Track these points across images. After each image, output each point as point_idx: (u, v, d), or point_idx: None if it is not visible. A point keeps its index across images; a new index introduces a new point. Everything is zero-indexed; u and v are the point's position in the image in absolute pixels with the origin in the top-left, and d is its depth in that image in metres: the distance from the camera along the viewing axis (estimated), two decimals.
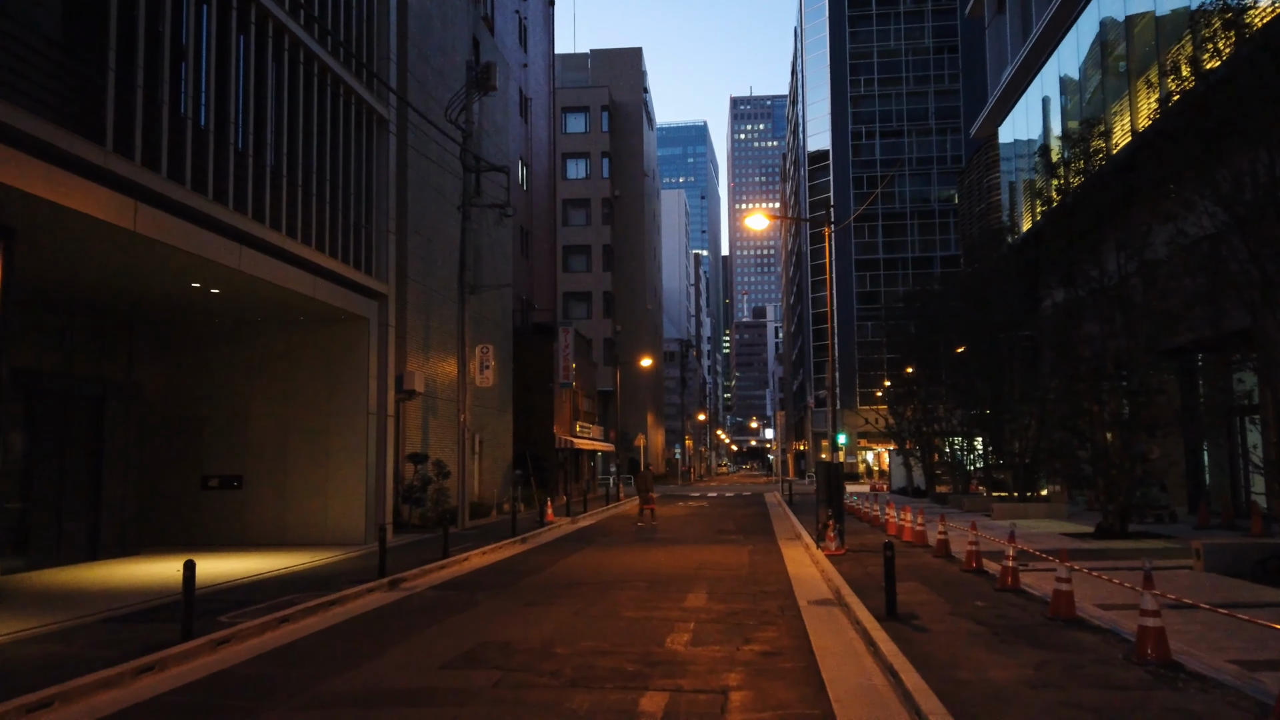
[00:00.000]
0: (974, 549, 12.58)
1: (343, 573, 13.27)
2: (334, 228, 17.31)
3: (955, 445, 31.63)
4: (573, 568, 14.51)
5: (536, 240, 41.42)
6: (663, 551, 16.91)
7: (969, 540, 12.72)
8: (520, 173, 38.86)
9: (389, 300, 19.60)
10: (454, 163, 23.47)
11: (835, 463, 15.74)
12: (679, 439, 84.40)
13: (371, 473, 18.59)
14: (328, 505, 18.37)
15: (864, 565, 13.44)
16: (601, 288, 64.50)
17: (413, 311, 22.79)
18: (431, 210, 24.27)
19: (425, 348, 23.56)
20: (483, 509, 25.82)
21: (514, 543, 18.61)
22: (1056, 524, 20.13)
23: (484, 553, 16.51)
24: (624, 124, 68.79)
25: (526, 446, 32.72)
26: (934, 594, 10.51)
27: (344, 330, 18.57)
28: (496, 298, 29.66)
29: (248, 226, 14.21)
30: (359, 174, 18.55)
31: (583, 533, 21.93)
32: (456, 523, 21.98)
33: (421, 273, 23.40)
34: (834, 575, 12.26)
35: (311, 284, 16.16)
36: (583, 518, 26.42)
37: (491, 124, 29.85)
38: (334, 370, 18.61)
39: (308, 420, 18.52)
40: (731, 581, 12.57)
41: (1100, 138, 17.44)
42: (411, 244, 22.77)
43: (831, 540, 15.05)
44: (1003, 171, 32.64)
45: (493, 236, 29.37)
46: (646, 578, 13.04)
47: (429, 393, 23.63)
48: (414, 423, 22.68)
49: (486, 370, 23.59)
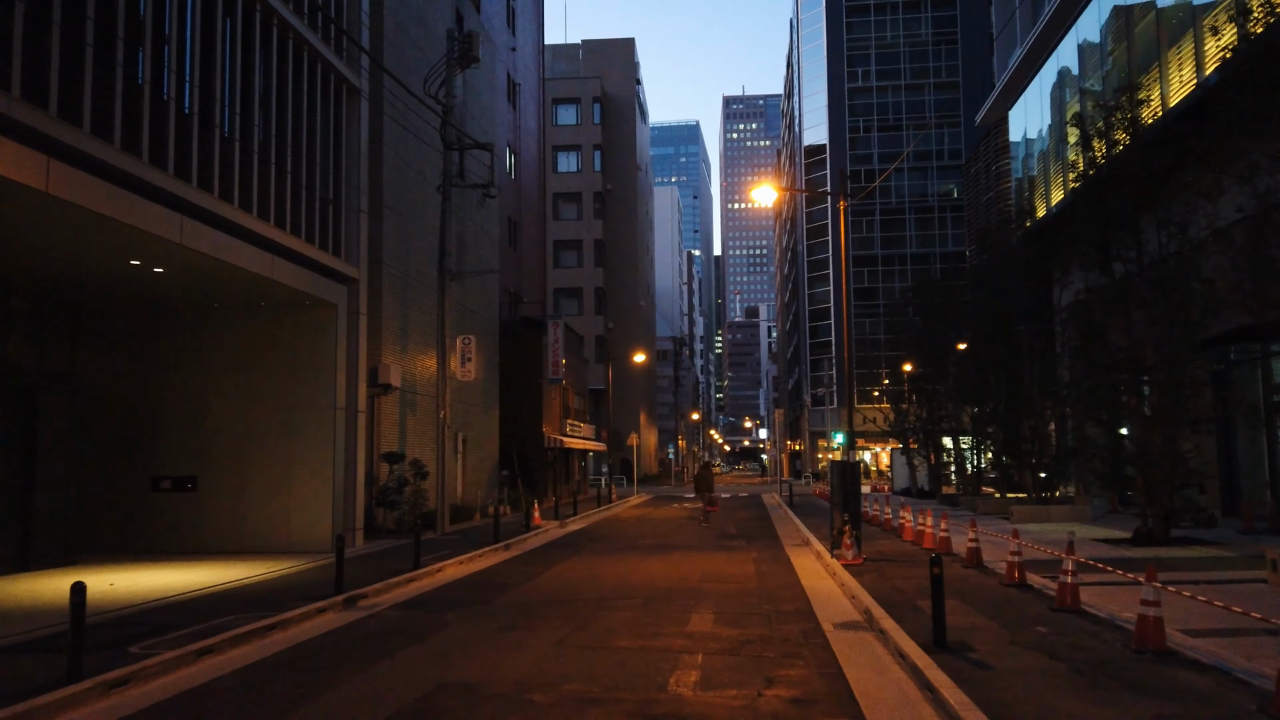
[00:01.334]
0: (1016, 559, 11.02)
1: (297, 587, 11.65)
2: (296, 203, 15.67)
3: (963, 444, 30.15)
4: (559, 580, 12.91)
5: (525, 231, 39.81)
6: (660, 560, 15.33)
7: (1010, 550, 11.15)
8: (508, 160, 37.25)
9: (360, 286, 17.97)
10: (435, 142, 21.86)
11: (851, 462, 14.17)
12: (672, 439, 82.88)
13: (340, 474, 16.96)
14: (291, 509, 16.72)
15: (888, 577, 11.88)
16: (593, 283, 62.86)
17: (389, 300, 21.16)
18: (411, 193, 22.64)
19: (403, 339, 21.93)
20: (466, 512, 24.19)
21: (496, 550, 17.00)
22: (1083, 528, 18.61)
23: (461, 562, 14.89)
24: (616, 116, 67.19)
25: (514, 446, 31.10)
26: (981, 615, 8.94)
27: (309, 318, 16.93)
28: (481, 288, 28.03)
29: (192, 196, 12.57)
30: (326, 146, 16.91)
31: (572, 538, 20.33)
32: (436, 527, 20.36)
33: (399, 259, 21.77)
34: (857, 590, 10.69)
35: (270, 264, 14.52)
36: (572, 521, 24.81)
37: (476, 105, 28.24)
38: (299, 362, 16.97)
39: (269, 416, 16.87)
40: (740, 597, 10.99)
41: (1138, 105, 15.91)
42: (388, 227, 21.14)
43: (848, 548, 13.49)
44: (1013, 157, 31.15)
45: (477, 223, 27.75)
46: (643, 593, 11.45)
47: (407, 388, 22.00)
48: (390, 420, 21.04)
49: (468, 363, 21.96)
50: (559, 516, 24.42)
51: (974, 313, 26.60)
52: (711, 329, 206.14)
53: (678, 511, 30.00)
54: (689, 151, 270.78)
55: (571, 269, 63.11)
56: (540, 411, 32.73)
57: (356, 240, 17.94)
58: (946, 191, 68.18)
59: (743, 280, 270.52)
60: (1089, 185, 16.30)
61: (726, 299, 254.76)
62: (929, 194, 67.90)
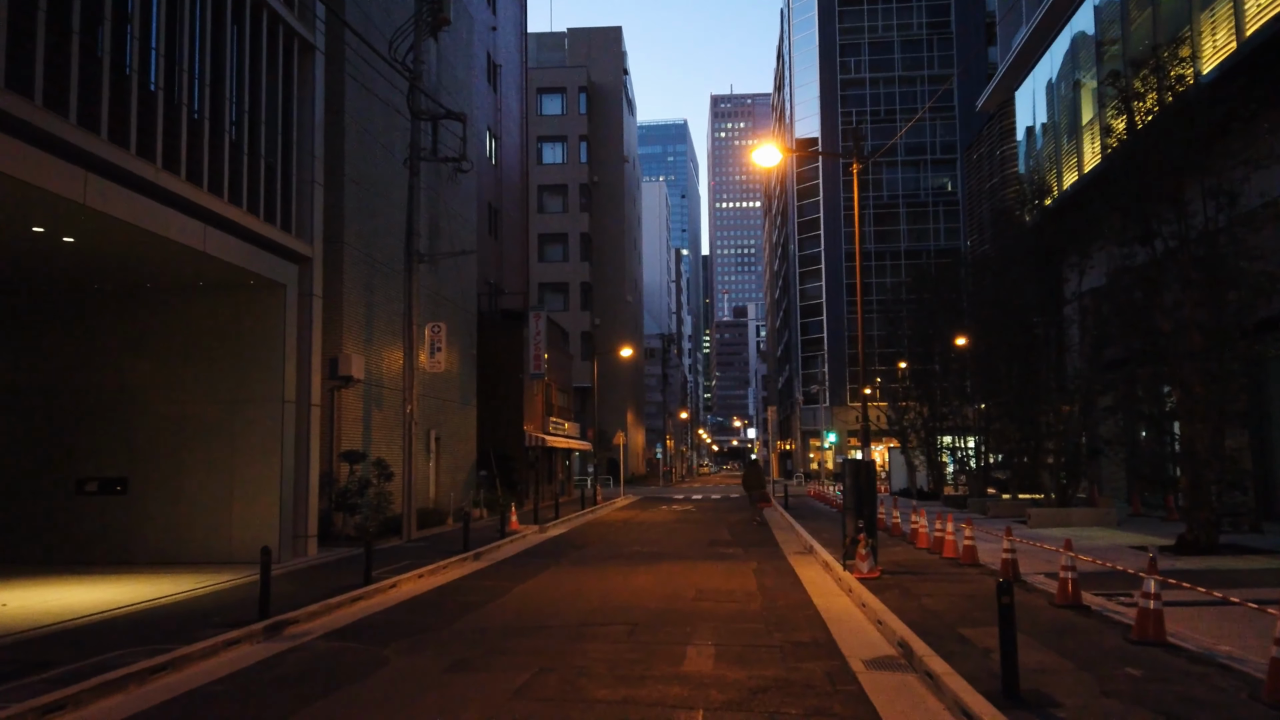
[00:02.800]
0: (1070, 575, 9.30)
1: (221, 608, 9.83)
2: (236, 168, 13.82)
3: (968, 442, 28.51)
4: (530, 599, 11.13)
5: (507, 220, 37.98)
6: (648, 572, 13.56)
7: (1061, 564, 9.42)
8: (488, 144, 35.42)
9: (314, 265, 16.12)
10: (406, 113, 20.03)
11: (866, 461, 12.44)
12: (660, 438, 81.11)
13: (289, 474, 15.12)
14: (233, 514, 14.87)
15: (913, 595, 10.15)
16: (579, 278, 61.05)
17: (352, 284, 19.32)
18: (377, 169, 20.80)
19: (368, 328, 20.09)
20: (438, 516, 22.37)
21: (464, 560, 15.19)
22: (1113, 534, 16.97)
23: (421, 575, 13.08)
24: (603, 106, 65.41)
25: (493, 445, 29.28)
26: (1046, 649, 7.22)
27: (254, 300, 15.09)
28: (457, 276, 26.20)
29: (101, 150, 10.73)
30: (274, 107, 15.06)
31: (551, 545, 18.55)
32: (401, 533, 18.55)
33: (363, 240, 19.93)
34: (882, 612, 8.97)
35: (201, 234, 12.68)
36: (553, 525, 23.02)
37: (451, 80, 26.40)
38: (243, 349, 15.12)
39: (209, 411, 15.01)
40: (744, 622, 9.24)
41: (1180, 63, 14.26)
42: (351, 205, 19.31)
43: (863, 559, 11.76)
44: (1020, 140, 29.56)
45: (452, 206, 25.91)
46: (628, 616, 9.69)
47: (372, 381, 20.17)
48: (352, 415, 19.20)
49: (438, 353, 20.13)
50: (538, 520, 22.63)
51: (981, 302, 24.99)
52: (700, 329, 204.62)
53: (666, 514, 28.25)
54: (677, 151, 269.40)
55: (557, 263, 61.27)
56: (521, 409, 30.92)
57: (310, 215, 16.08)
58: (940, 185, 66.75)
59: (731, 280, 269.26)
60: (1126, 152, 14.63)
61: (714, 299, 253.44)
62: (920, 189, 66.40)
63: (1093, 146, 24.05)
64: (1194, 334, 13.65)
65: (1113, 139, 15.04)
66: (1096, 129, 23.68)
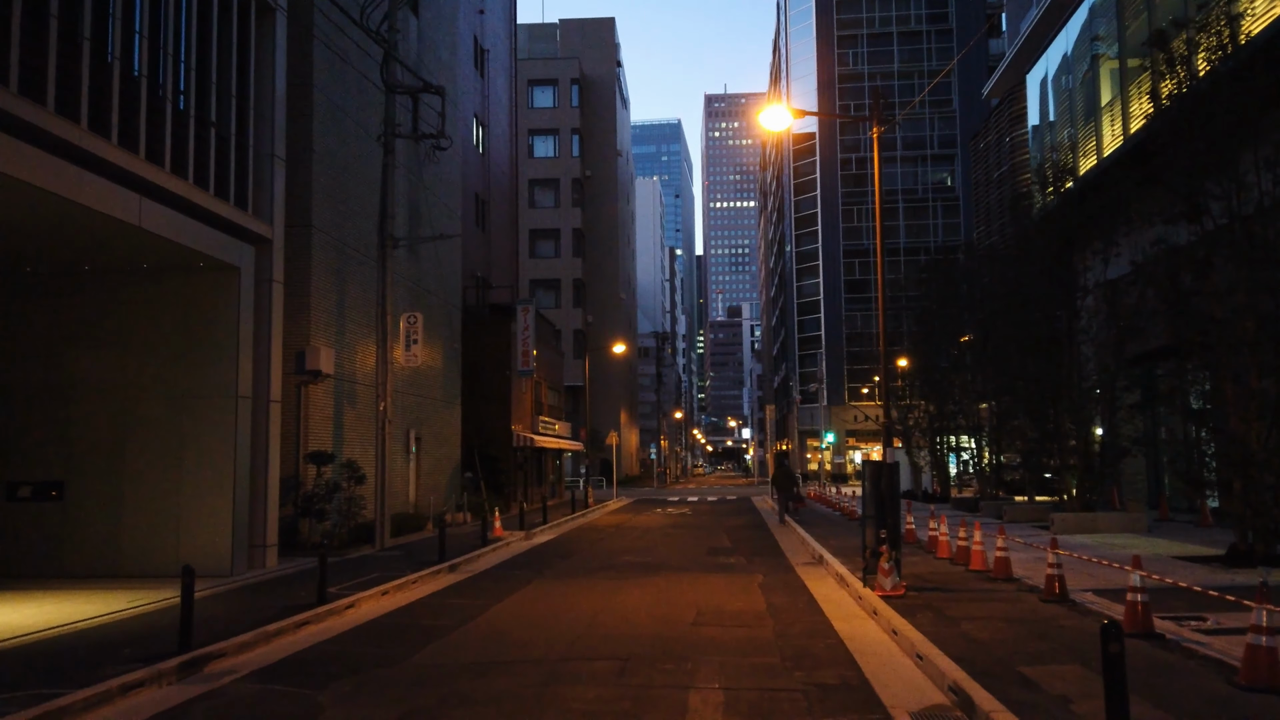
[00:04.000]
0: (1140, 599, 7.88)
1: (142, 636, 8.38)
2: (180, 134, 12.35)
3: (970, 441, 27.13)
4: (506, 622, 9.67)
5: (495, 211, 36.49)
6: (641, 587, 12.13)
7: (1131, 584, 8.00)
8: (475, 133, 33.93)
9: (275, 248, 14.65)
10: (381, 85, 18.55)
11: (890, 463, 11.01)
12: (654, 438, 79.58)
13: (244, 478, 13.65)
14: (181, 522, 13.39)
15: (949, 619, 8.74)
16: (572, 275, 59.65)
17: (321, 272, 17.85)
18: (351, 148, 19.32)
19: (339, 320, 18.61)
20: (417, 521, 20.90)
21: (438, 572, 13.74)
22: (1148, 542, 15.58)
23: (386, 591, 11.62)
24: (596, 99, 63.97)
25: (479, 445, 27.80)
26: (1142, 699, 5.78)
27: (206, 285, 13.61)
28: (439, 266, 24.72)
29: (9, 104, 9.27)
30: (226, 70, 13.57)
31: (536, 554, 17.10)
32: (374, 541, 17.09)
33: (334, 224, 18.45)
34: (918, 641, 7.56)
35: (136, 208, 11.20)
36: (540, 531, 21.56)
37: (434, 60, 24.91)
38: (193, 339, 13.64)
39: (155, 407, 13.53)
40: (755, 654, 7.81)
41: (1235, 20, 12.88)
42: (320, 185, 17.83)
43: (886, 575, 10.34)
44: (1030, 126, 28.18)
45: (434, 191, 24.42)
46: (616, 647, 8.25)
47: (344, 376, 18.69)
48: (321, 413, 17.73)
49: (414, 346, 18.64)
50: (525, 526, 21.16)
51: (993, 294, 23.62)
52: (694, 329, 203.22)
53: (661, 518, 26.81)
54: (671, 150, 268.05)
55: (549, 259, 59.87)
56: (509, 407, 29.44)
57: (270, 192, 14.60)
58: (939, 180, 65.48)
59: (725, 280, 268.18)
60: (1171, 121, 13.24)
61: (709, 299, 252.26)
62: (918, 184, 65.09)
63: (1112, 129, 22.70)
64: (1248, 321, 12.28)
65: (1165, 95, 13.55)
66: (1117, 109, 22.33)
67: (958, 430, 27.68)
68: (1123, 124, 21.95)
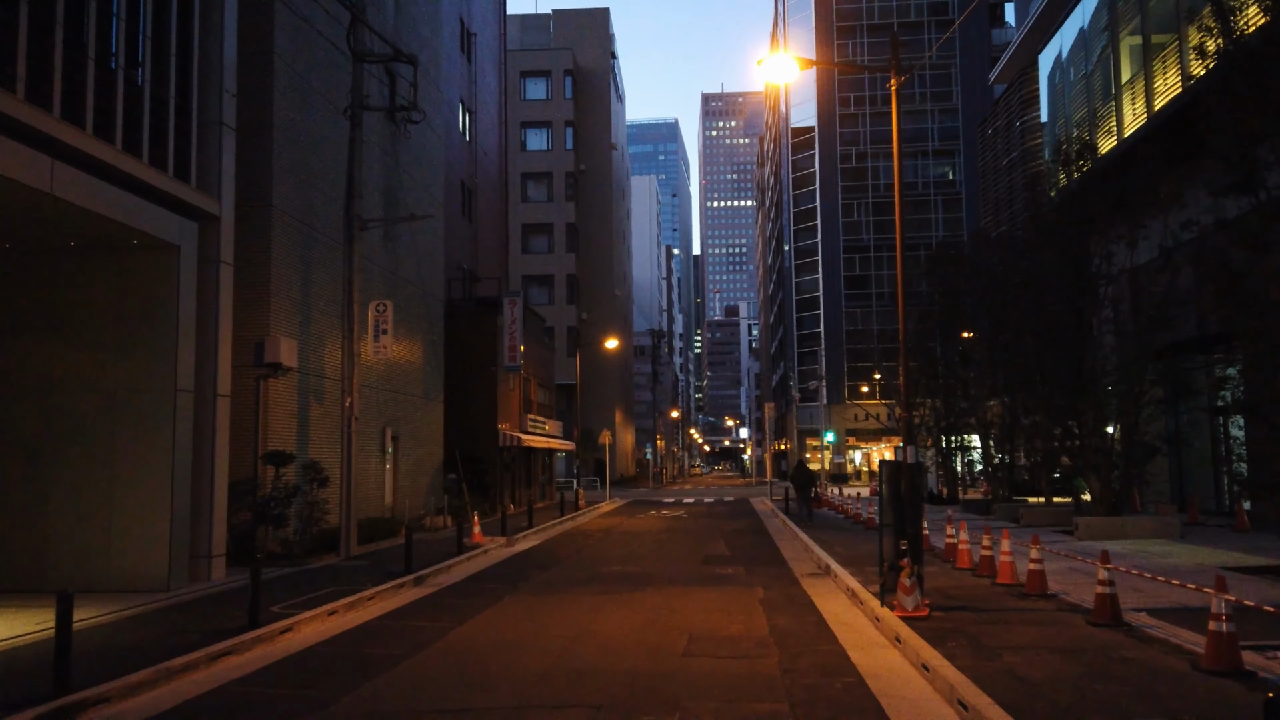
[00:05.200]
0: (1224, 629, 6.48)
1: (25, 672, 6.96)
2: (106, 93, 10.93)
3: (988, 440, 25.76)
4: (461, 653, 8.26)
5: (484, 201, 35.07)
6: (627, 605, 10.72)
7: (1215, 611, 6.58)
8: (461, 119, 32.50)
9: (223, 227, 13.23)
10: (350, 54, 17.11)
11: (913, 463, 9.59)
12: (650, 438, 78.18)
13: (185, 481, 12.22)
14: (113, 532, 11.96)
15: (986, 648, 7.35)
16: (565, 270, 58.20)
17: (284, 257, 16.41)
18: (320, 126, 17.88)
19: (304, 309, 17.18)
20: (392, 526, 19.47)
21: (402, 586, 12.32)
22: (1186, 550, 14.20)
23: (335, 611, 10.19)
24: (590, 91, 62.55)
25: (464, 445, 26.38)
26: None
27: (140, 265, 12.19)
28: (418, 255, 23.28)
29: None
30: (165, 28, 12.14)
31: (516, 563, 15.69)
32: (339, 549, 15.67)
33: (299, 205, 17.02)
34: (957, 682, 6.16)
35: (46, 172, 9.77)
36: (524, 537, 20.15)
37: (413, 36, 23.46)
38: (127, 327, 12.22)
39: (83, 403, 12.10)
40: (757, 699, 6.41)
41: None
42: (283, 161, 16.39)
43: (907, 592, 8.94)
44: (1044, 107, 26.82)
45: (413, 174, 22.98)
46: (590, 687, 6.85)
47: (310, 370, 17.26)
48: (283, 410, 16.29)
49: (383, 337, 17.20)
50: (507, 531, 19.73)
51: (1006, 285, 22.24)
52: (691, 328, 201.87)
53: (654, 521, 25.39)
54: (667, 150, 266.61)
55: (541, 255, 58.42)
56: (495, 405, 28.02)
57: (217, 164, 13.17)
58: (941, 174, 64.14)
59: (722, 279, 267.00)
60: (1221, 83, 11.85)
61: (706, 298, 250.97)
62: (919, 180, 63.74)
63: (1134, 108, 21.36)
64: None
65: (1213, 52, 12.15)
66: (1140, 86, 20.99)
67: (967, 429, 26.29)
68: (1146, 101, 20.60)
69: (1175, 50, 19.40)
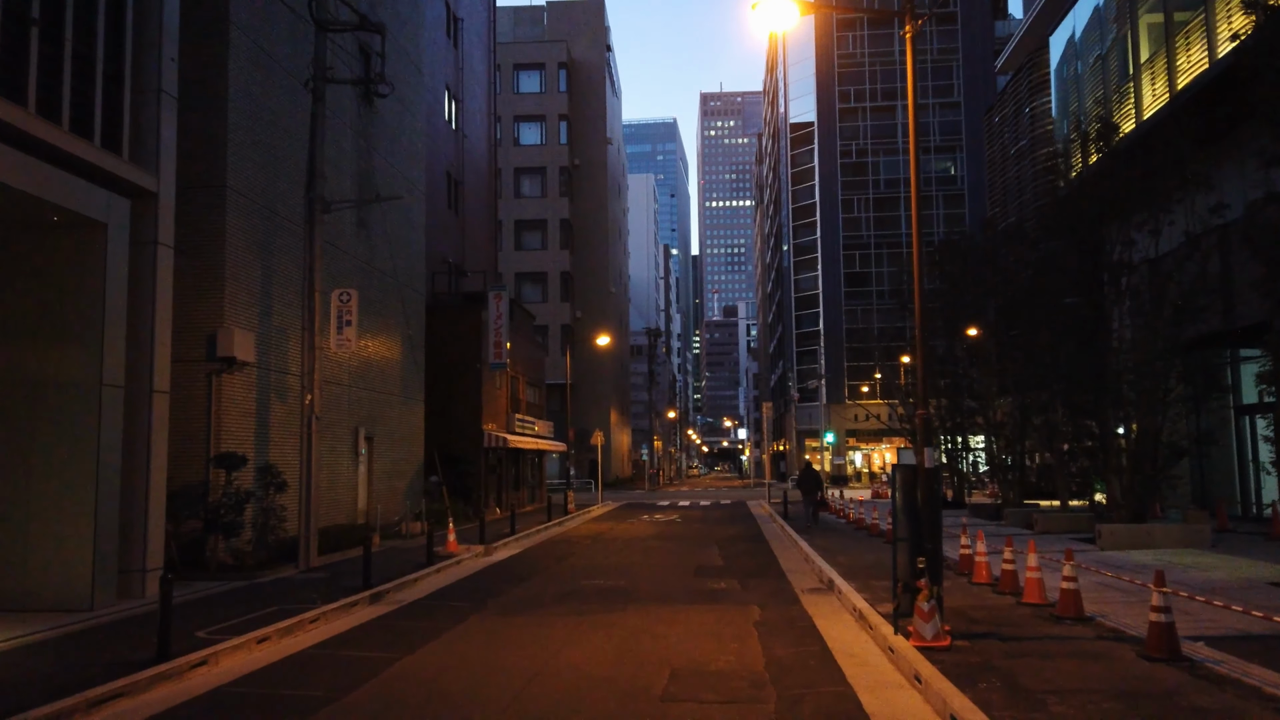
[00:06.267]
0: None
1: None
2: (16, 51, 9.66)
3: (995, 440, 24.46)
4: (398, 696, 6.98)
5: (471, 194, 33.80)
6: (604, 629, 9.44)
7: None
8: (448, 106, 31.24)
9: (162, 205, 11.95)
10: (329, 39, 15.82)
11: (931, 467, 8.32)
12: (647, 439, 76.88)
13: (112, 486, 10.94)
14: (29, 543, 10.68)
15: (1023, 689, 6.09)
16: (559, 267, 56.95)
17: (241, 243, 15.12)
18: (284, 103, 16.58)
19: (264, 299, 15.90)
20: (363, 534, 18.19)
21: (356, 603, 11.03)
22: (1223, 560, 12.94)
23: (266, 637, 8.90)
24: (584, 84, 61.26)
25: (448, 446, 25.11)
26: None
27: (62, 246, 10.92)
28: (392, 245, 21.99)
29: None
30: None
31: (489, 575, 14.41)
32: (297, 560, 14.40)
33: (260, 188, 15.74)
34: None
35: None
36: (504, 545, 18.87)
37: (393, 18, 22.17)
38: (46, 315, 10.95)
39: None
40: None
41: None
42: (241, 140, 15.10)
43: (926, 618, 7.67)
44: (1055, 90, 25.55)
45: (391, 160, 21.70)
46: None
47: (271, 366, 15.98)
48: (240, 409, 15.01)
49: (347, 329, 15.90)
50: (485, 539, 18.43)
51: (1021, 275, 21.02)
52: (689, 329, 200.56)
53: (646, 527, 24.11)
54: (666, 149, 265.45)
55: (535, 251, 57.17)
56: (480, 404, 26.74)
57: (155, 135, 11.90)
58: (943, 170, 62.91)
59: (721, 279, 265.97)
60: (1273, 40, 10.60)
61: (704, 299, 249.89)
62: (920, 175, 62.47)
63: (1153, 88, 20.12)
64: None
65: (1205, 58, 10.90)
66: (1159, 66, 19.76)
67: (975, 428, 25.02)
68: (1169, 80, 19.37)
69: (1201, 25, 18.16)
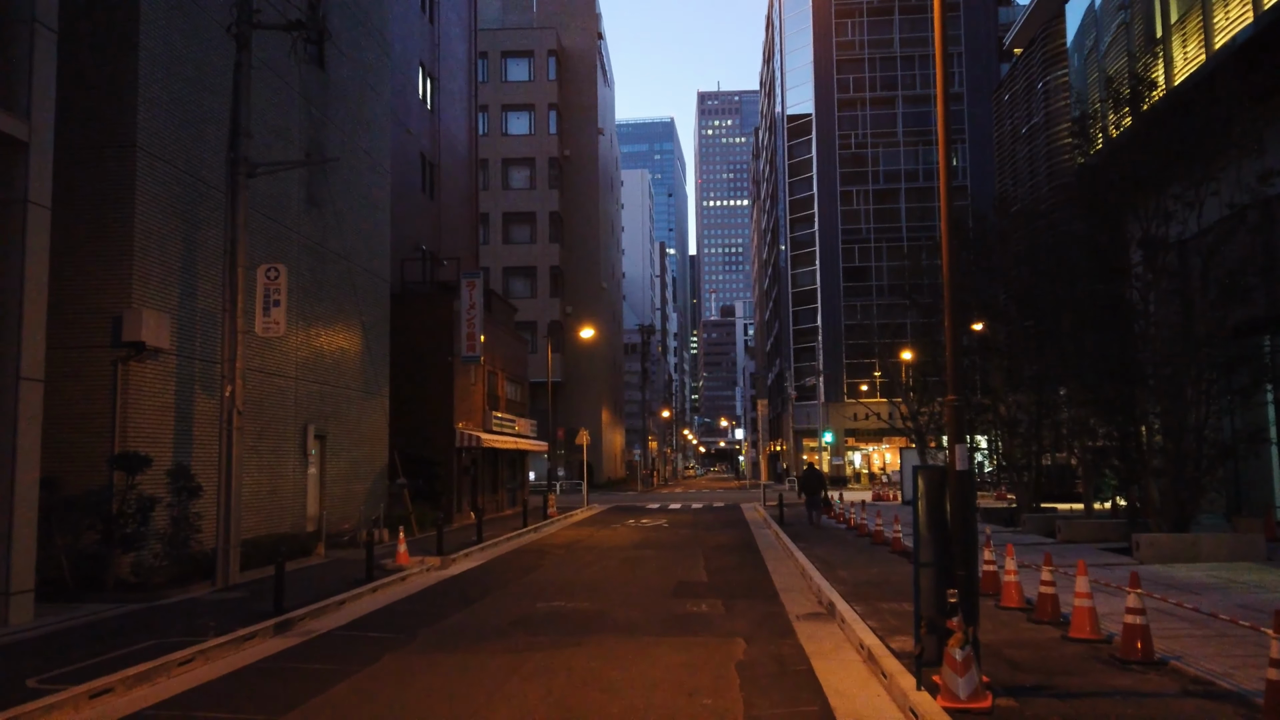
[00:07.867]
0: None
1: None
2: None
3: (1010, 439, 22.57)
4: None
5: (450, 180, 31.88)
6: (548, 674, 7.52)
7: None
8: (422, 84, 29.33)
9: (34, 156, 10.02)
10: None
11: (963, 470, 6.40)
12: (641, 439, 74.94)
13: None
14: None
15: None
16: (549, 261, 55.03)
17: (155, 211, 13.17)
18: (210, 56, 14.61)
19: (187, 279, 13.95)
20: (308, 543, 16.28)
21: (254, 635, 9.09)
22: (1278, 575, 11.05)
23: (109, 689, 6.96)
24: (575, 73, 59.36)
25: (414, 445, 23.19)
26: None
27: None
28: (346, 225, 20.03)
29: None
30: None
31: (435, 594, 12.48)
32: (215, 576, 12.47)
33: (182, 151, 13.79)
34: None
35: None
36: (466, 555, 16.94)
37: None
38: None
39: None
40: None
41: None
42: (157, 95, 13.16)
43: (961, 670, 5.77)
44: (1072, 60, 23.68)
45: (345, 129, 19.74)
46: None
47: (194, 353, 14.03)
48: (154, 403, 13.07)
49: (275, 309, 13.92)
50: (443, 549, 16.46)
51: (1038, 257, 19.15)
52: (687, 329, 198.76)
53: (628, 533, 22.17)
54: (663, 149, 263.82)
55: (524, 245, 55.23)
56: (452, 400, 24.80)
57: (27, 75, 9.98)
58: None
59: (718, 279, 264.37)
60: None
61: (702, 299, 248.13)
62: (920, 168, 60.63)
63: (1185, 51, 18.28)
64: None
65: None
66: (1191, 25, 17.92)
67: (987, 426, 23.14)
68: (1205, 39, 17.52)
69: None
